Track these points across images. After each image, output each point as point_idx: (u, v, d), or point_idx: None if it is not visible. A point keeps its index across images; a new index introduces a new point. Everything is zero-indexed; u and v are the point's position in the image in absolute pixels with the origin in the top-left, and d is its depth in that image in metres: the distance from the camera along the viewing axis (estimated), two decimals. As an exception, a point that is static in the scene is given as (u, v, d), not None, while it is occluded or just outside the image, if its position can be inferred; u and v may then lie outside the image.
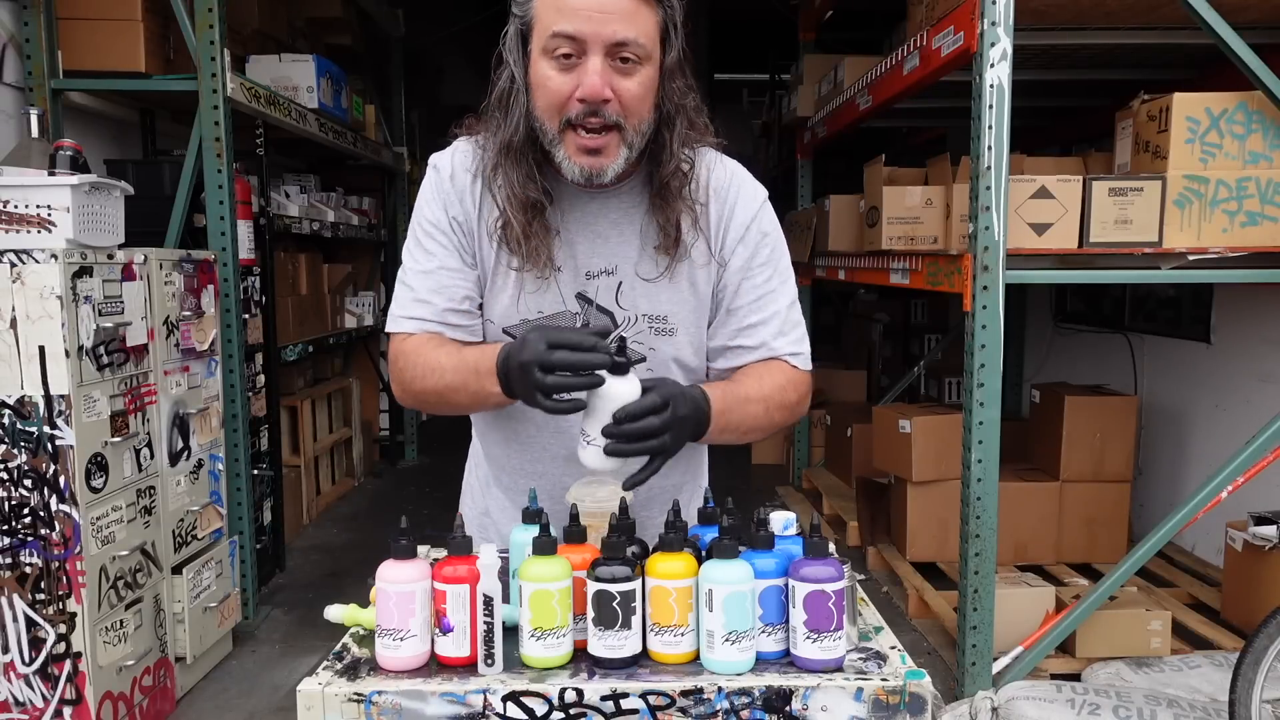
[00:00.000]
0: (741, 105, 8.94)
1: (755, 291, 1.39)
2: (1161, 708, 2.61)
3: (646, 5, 1.22)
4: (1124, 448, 3.96)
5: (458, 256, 1.36)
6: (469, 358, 1.30)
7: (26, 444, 2.51)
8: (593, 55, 1.21)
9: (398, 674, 1.09)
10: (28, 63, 3.39)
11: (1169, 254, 2.83)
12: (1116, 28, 3.15)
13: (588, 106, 1.22)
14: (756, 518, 1.16)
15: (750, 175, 1.42)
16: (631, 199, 1.36)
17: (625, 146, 1.26)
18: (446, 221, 1.36)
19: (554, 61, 1.22)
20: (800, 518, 1.24)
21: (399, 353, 1.37)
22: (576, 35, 1.20)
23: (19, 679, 2.56)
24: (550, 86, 1.24)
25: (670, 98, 1.29)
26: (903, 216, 3.58)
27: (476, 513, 1.55)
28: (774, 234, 1.41)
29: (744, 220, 1.38)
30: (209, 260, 3.28)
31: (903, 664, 1.11)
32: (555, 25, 1.21)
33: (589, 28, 1.19)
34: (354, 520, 5.22)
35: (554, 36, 1.21)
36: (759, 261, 1.39)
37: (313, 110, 4.37)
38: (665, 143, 1.30)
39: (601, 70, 1.21)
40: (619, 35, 1.20)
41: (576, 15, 1.19)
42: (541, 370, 1.14)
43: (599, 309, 1.36)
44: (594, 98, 1.21)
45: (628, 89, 1.23)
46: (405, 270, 1.38)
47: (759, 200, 1.40)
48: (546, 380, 1.14)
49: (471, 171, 1.36)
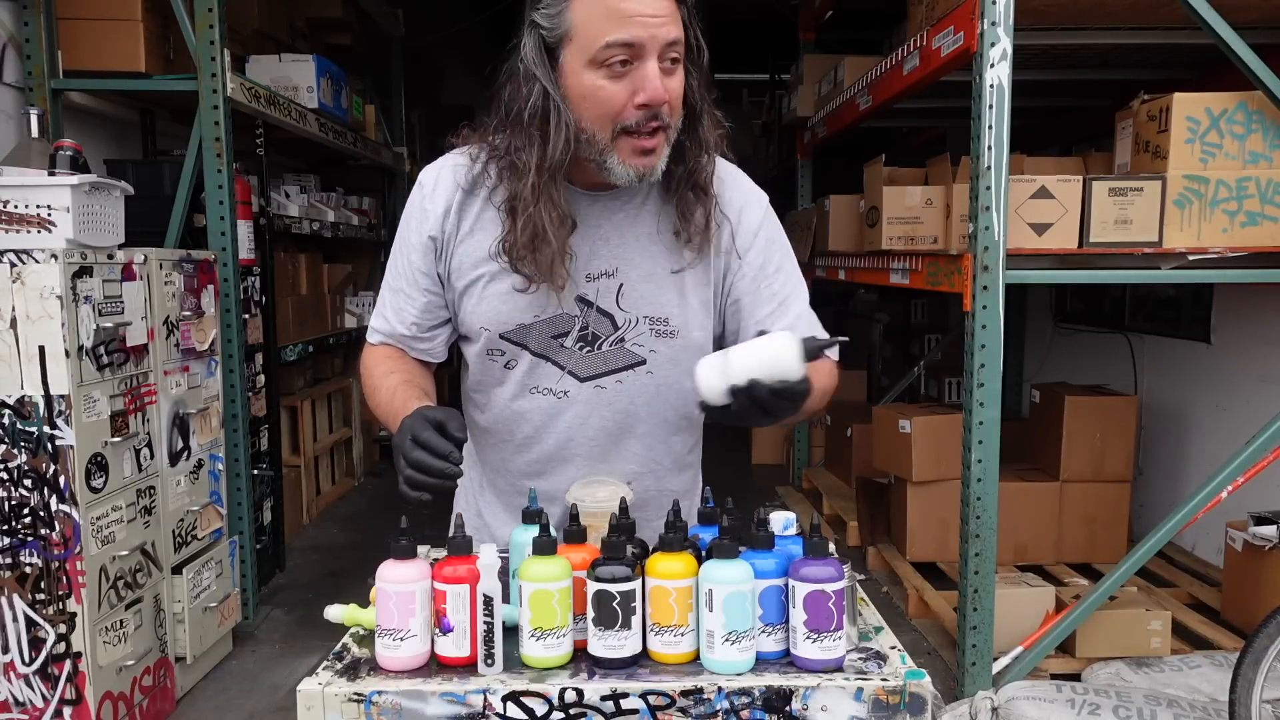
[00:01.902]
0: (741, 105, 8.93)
1: (775, 299, 1.40)
2: (1161, 708, 2.61)
3: (678, 4, 1.24)
4: (1124, 448, 3.96)
5: (422, 281, 1.39)
6: (396, 398, 1.33)
7: (26, 444, 2.51)
8: (649, 60, 1.21)
9: (398, 674, 1.09)
10: (28, 63, 3.39)
11: (1169, 254, 2.83)
12: (1116, 28, 3.15)
13: (649, 112, 1.22)
14: (756, 518, 1.16)
15: (751, 181, 1.44)
16: (637, 200, 1.36)
17: (668, 144, 1.28)
18: (420, 243, 1.37)
19: (605, 70, 1.22)
20: (800, 518, 1.24)
21: (363, 360, 1.47)
22: (634, 41, 1.20)
23: (19, 679, 2.56)
24: (603, 96, 1.23)
25: (697, 92, 1.30)
26: (903, 216, 3.58)
27: (470, 514, 1.55)
28: (781, 238, 1.43)
29: (752, 228, 1.39)
30: (209, 260, 3.28)
31: (903, 664, 1.11)
32: (610, 35, 1.19)
33: (646, 32, 1.19)
34: (354, 520, 5.22)
35: (609, 46, 1.20)
36: (773, 268, 1.40)
37: (313, 110, 4.37)
38: (698, 138, 1.31)
39: (660, 73, 1.22)
40: (671, 35, 1.21)
41: (633, 23, 1.19)
42: (406, 460, 1.15)
43: (599, 311, 1.36)
44: (659, 102, 1.22)
45: (675, 88, 1.24)
46: (384, 283, 1.45)
47: (763, 206, 1.42)
48: (408, 468, 1.15)
49: (463, 186, 1.36)
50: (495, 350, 1.39)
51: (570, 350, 1.37)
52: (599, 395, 1.39)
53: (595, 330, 1.37)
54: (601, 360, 1.38)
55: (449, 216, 1.36)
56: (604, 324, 1.37)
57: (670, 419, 1.44)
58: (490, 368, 1.41)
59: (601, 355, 1.38)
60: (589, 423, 1.40)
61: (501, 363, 1.40)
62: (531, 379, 1.39)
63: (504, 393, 1.42)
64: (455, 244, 1.37)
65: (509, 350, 1.38)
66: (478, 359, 1.42)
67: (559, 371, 1.38)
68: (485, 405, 1.46)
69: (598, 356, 1.38)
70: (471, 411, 1.50)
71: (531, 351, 1.37)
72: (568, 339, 1.37)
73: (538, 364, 1.38)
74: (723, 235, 1.38)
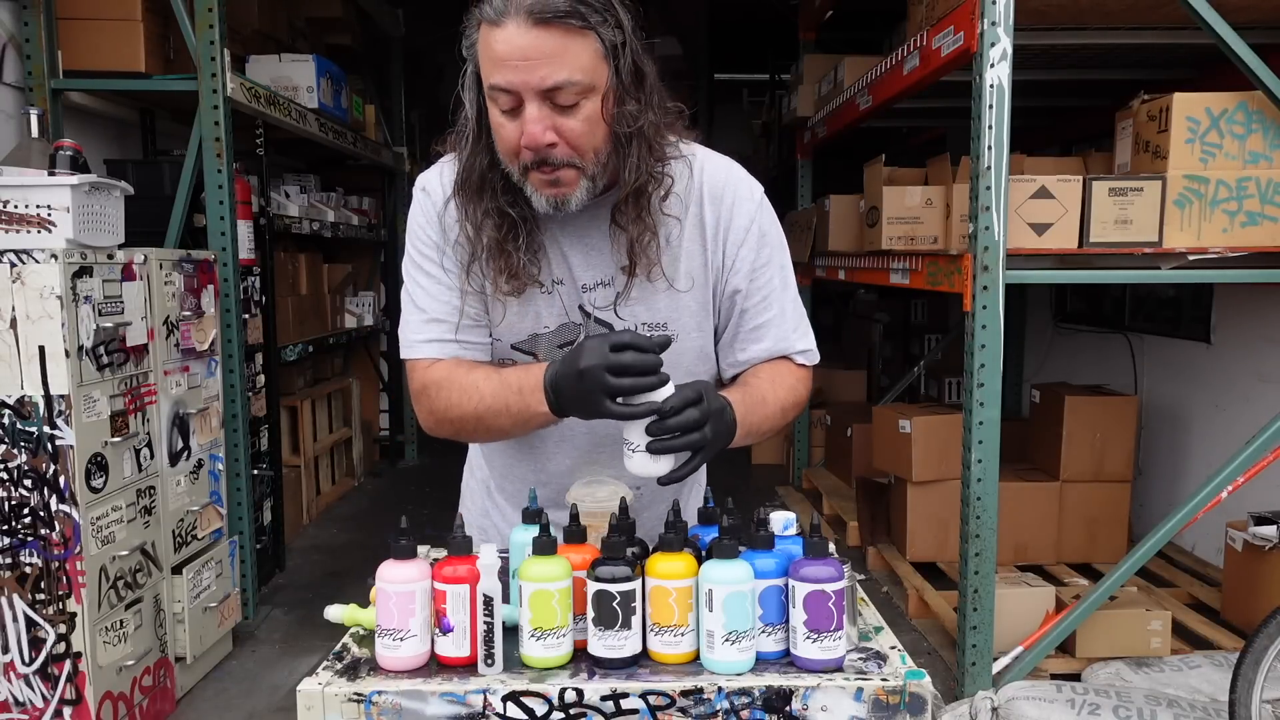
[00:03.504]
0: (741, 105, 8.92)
1: (760, 292, 1.38)
2: (1161, 708, 2.61)
3: (576, 36, 1.16)
4: (1124, 448, 3.96)
5: (460, 277, 1.35)
6: (508, 378, 1.27)
7: (26, 444, 2.51)
8: (529, 104, 1.18)
9: (398, 674, 1.09)
10: (28, 63, 3.39)
11: (1169, 254, 2.83)
12: (1116, 28, 3.15)
13: (535, 155, 1.21)
14: (756, 518, 1.16)
15: (745, 172, 1.41)
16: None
17: (586, 179, 1.24)
18: (446, 245, 1.35)
19: (498, 108, 1.21)
20: (800, 518, 1.24)
21: (427, 382, 1.33)
22: (508, 87, 1.18)
23: (19, 679, 2.56)
24: (502, 134, 1.23)
25: (623, 122, 1.23)
26: (903, 216, 3.58)
27: (476, 515, 1.55)
28: (773, 232, 1.41)
29: (743, 224, 1.37)
30: (209, 260, 3.28)
31: (903, 664, 1.11)
32: (490, 78, 1.19)
33: (518, 77, 1.17)
34: (354, 520, 5.22)
35: (491, 89, 1.20)
36: (762, 262, 1.38)
37: (313, 110, 4.37)
38: (633, 165, 1.26)
39: (539, 117, 1.18)
40: (549, 81, 1.16)
41: (504, 67, 1.17)
42: (612, 374, 1.14)
43: (597, 321, 1.36)
44: (534, 146, 1.20)
45: (571, 128, 1.20)
46: (410, 295, 1.37)
47: (756, 200, 1.39)
48: (620, 383, 1.14)
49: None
50: (506, 361, 1.39)
51: None
52: None
53: None
54: None
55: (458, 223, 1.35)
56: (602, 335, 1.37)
57: None
58: None
59: None
60: (594, 430, 1.40)
61: None
62: None
63: None
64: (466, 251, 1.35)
65: (520, 360, 1.38)
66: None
67: None
68: None
69: None
70: None
71: (540, 361, 1.37)
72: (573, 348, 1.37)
73: None
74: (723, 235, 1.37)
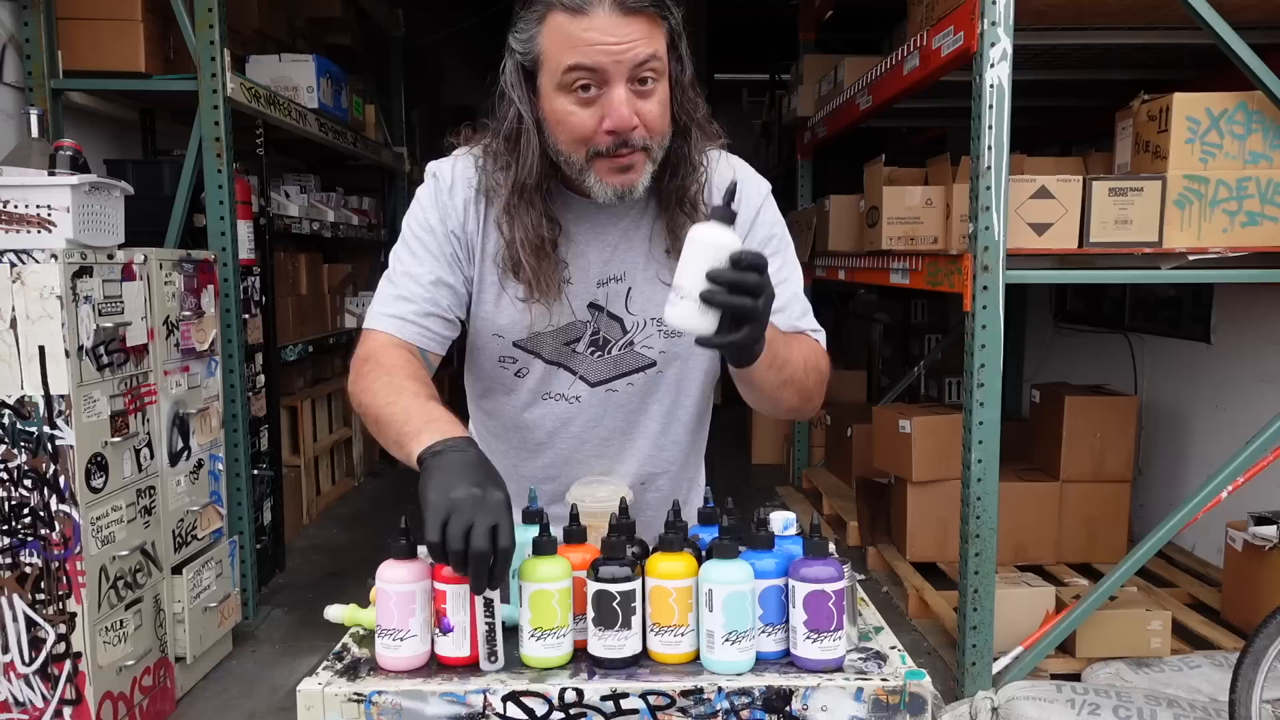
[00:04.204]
0: (741, 105, 8.92)
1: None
2: (1161, 708, 2.61)
3: (656, 22, 1.20)
4: (1124, 448, 3.96)
5: (448, 267, 1.33)
6: (413, 411, 1.18)
7: (26, 444, 2.51)
8: (616, 86, 1.19)
9: (398, 674, 1.09)
10: (28, 63, 3.39)
11: (1169, 254, 2.83)
12: (1116, 28, 3.15)
13: (618, 138, 1.21)
14: (756, 518, 1.16)
15: (753, 170, 1.43)
16: (639, 206, 1.36)
17: (651, 163, 1.26)
18: (443, 231, 1.34)
19: (572, 95, 1.20)
20: (800, 518, 1.24)
21: (368, 356, 1.29)
22: (597, 67, 1.18)
23: (19, 679, 2.56)
24: (573, 122, 1.22)
25: (684, 109, 1.28)
26: (903, 216, 3.58)
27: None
28: (780, 226, 1.42)
29: (748, 218, 1.38)
30: (209, 260, 3.28)
31: (903, 664, 1.11)
32: (571, 59, 1.18)
33: (608, 58, 1.17)
34: (354, 520, 5.22)
35: (570, 70, 1.19)
36: (769, 253, 1.38)
37: (313, 110, 4.37)
38: (685, 155, 1.30)
39: (626, 99, 1.19)
40: (640, 56, 1.18)
41: (594, 48, 1.17)
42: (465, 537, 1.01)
43: (609, 316, 1.37)
44: (624, 128, 1.20)
45: (649, 110, 1.21)
46: (392, 270, 1.35)
47: (763, 195, 1.41)
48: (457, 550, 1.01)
49: (475, 188, 1.34)
50: (507, 358, 1.38)
51: (582, 355, 1.38)
52: (610, 398, 1.40)
53: (606, 335, 1.37)
54: (612, 364, 1.39)
55: (469, 214, 1.35)
56: (614, 328, 1.37)
57: (680, 417, 1.45)
58: (500, 375, 1.41)
59: (612, 359, 1.38)
60: (601, 425, 1.41)
61: (512, 370, 1.39)
62: (544, 386, 1.39)
63: (515, 400, 1.42)
64: (475, 245, 1.35)
65: (521, 358, 1.38)
66: (487, 366, 1.41)
67: (571, 377, 1.39)
68: (494, 413, 1.46)
69: (608, 360, 1.38)
70: (479, 418, 1.50)
71: (544, 359, 1.37)
72: (579, 344, 1.37)
73: (551, 371, 1.38)
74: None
